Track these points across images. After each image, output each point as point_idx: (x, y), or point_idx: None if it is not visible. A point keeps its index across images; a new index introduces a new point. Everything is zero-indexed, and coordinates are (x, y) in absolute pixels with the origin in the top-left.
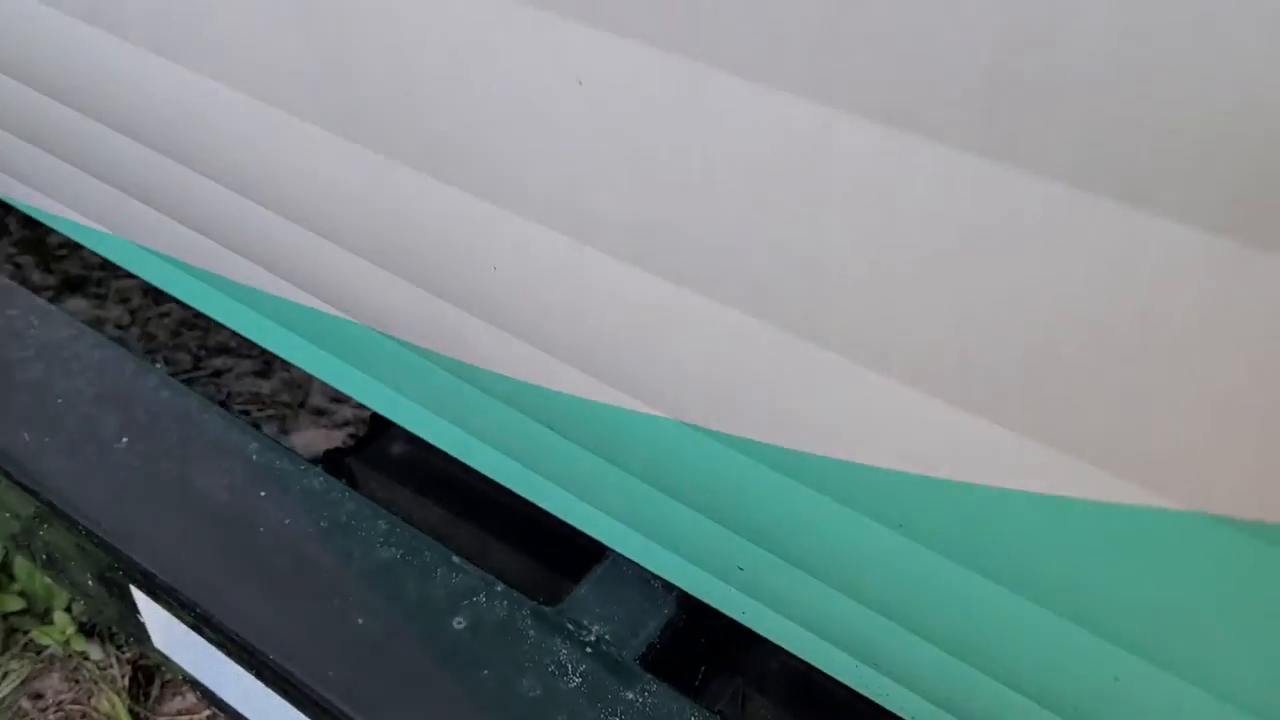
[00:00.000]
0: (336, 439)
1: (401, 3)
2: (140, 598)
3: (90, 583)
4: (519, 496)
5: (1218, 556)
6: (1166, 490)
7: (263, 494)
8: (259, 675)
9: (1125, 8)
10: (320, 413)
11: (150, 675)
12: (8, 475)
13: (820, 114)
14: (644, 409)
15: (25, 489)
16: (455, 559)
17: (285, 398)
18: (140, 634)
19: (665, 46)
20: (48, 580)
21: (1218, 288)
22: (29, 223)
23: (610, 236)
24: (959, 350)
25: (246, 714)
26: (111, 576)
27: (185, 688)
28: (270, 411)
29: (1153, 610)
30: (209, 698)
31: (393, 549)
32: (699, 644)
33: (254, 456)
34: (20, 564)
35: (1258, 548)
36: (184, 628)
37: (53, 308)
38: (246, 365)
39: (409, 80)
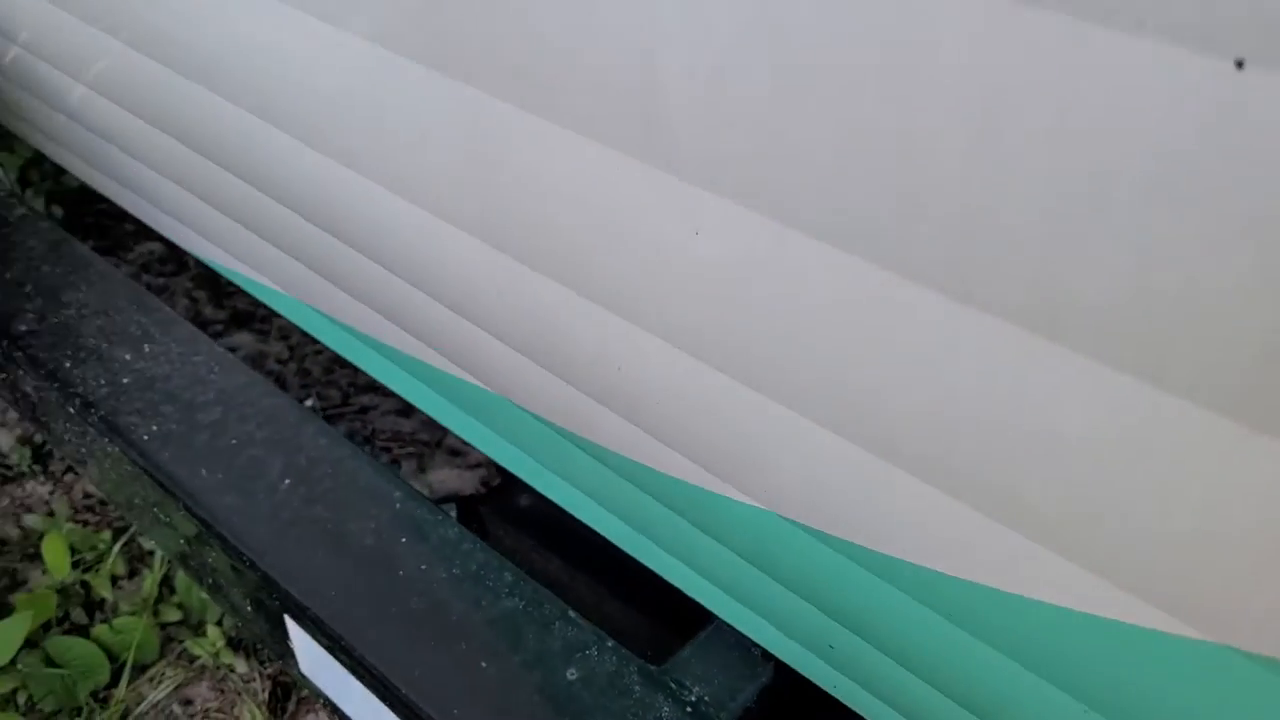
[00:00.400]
0: (469, 480)
1: (552, 173)
2: (291, 625)
3: (246, 604)
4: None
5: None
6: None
7: (404, 540)
8: (391, 706)
9: None
10: (455, 453)
11: (288, 691)
12: (185, 506)
13: (884, 277)
14: (746, 500)
15: (200, 521)
16: (571, 614)
17: (424, 437)
18: (288, 656)
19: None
20: (204, 596)
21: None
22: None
23: (721, 359)
24: (1030, 496)
25: None
26: (266, 602)
27: (318, 706)
28: (410, 449)
29: None
30: None
31: (516, 599)
32: (794, 713)
33: (398, 505)
34: (181, 579)
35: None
36: (327, 655)
37: (232, 357)
38: (390, 404)
39: (550, 212)
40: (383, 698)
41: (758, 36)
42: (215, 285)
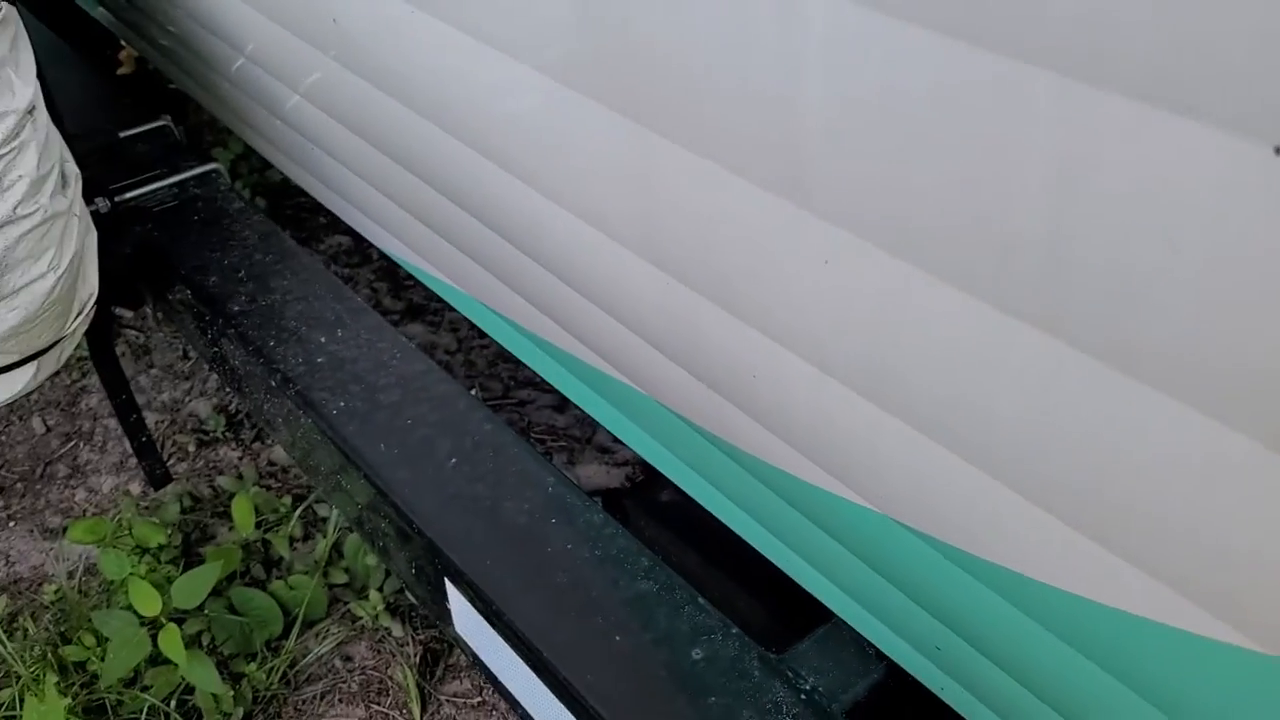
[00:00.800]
0: (616, 476)
1: (705, 203)
2: (450, 588)
3: (410, 568)
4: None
5: None
6: None
7: (553, 521)
8: (532, 667)
9: None
10: (604, 450)
11: (437, 658)
12: (364, 475)
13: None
14: (862, 503)
15: (376, 489)
16: (701, 600)
17: (575, 433)
18: (445, 617)
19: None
20: (368, 563)
21: None
22: (386, 254)
23: (842, 373)
24: (1120, 515)
25: (517, 695)
26: (429, 566)
27: (464, 674)
28: (561, 443)
29: None
30: (489, 678)
31: (650, 583)
32: (903, 711)
33: (550, 489)
34: (349, 545)
35: None
36: (479, 618)
37: (412, 345)
38: (547, 399)
39: (702, 236)
40: (526, 659)
41: (880, 108)
42: (394, 278)
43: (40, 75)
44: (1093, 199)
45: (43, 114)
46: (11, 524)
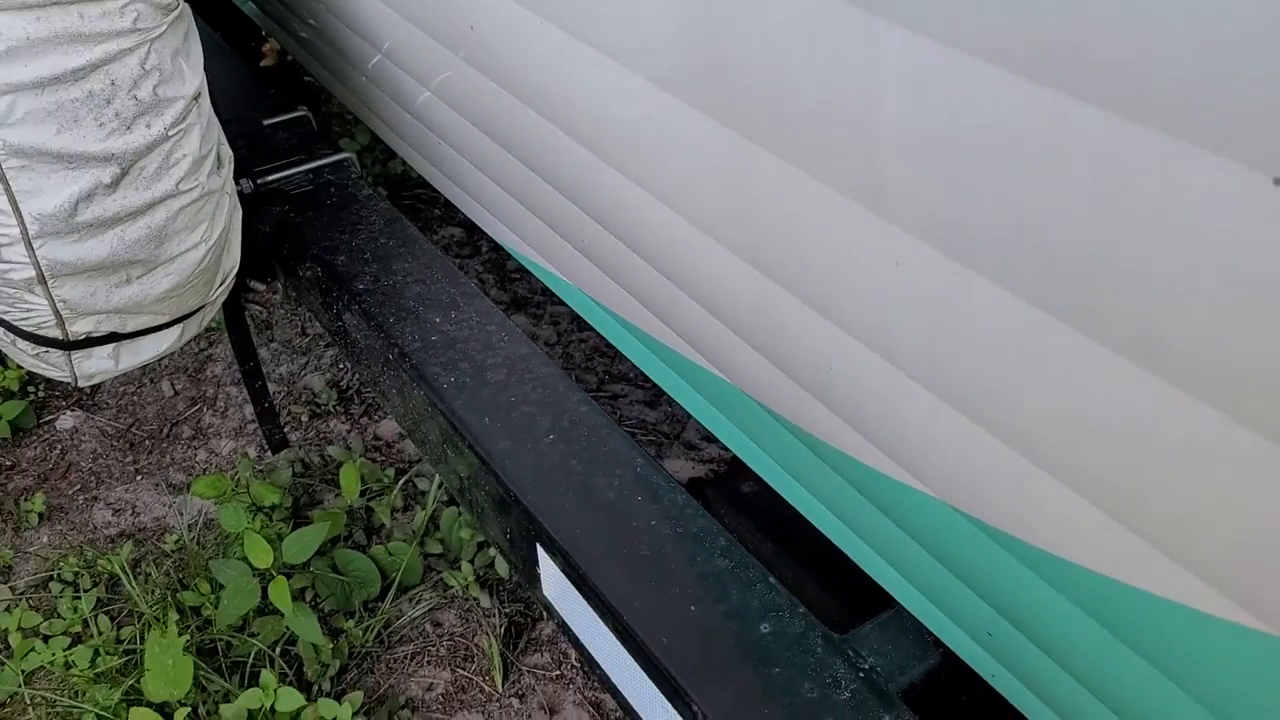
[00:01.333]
0: (700, 471)
1: (793, 205)
2: (541, 553)
3: (505, 533)
4: (834, 544)
5: None
6: None
7: (639, 498)
8: (613, 630)
9: None
10: (691, 447)
11: (521, 630)
12: (469, 445)
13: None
14: (923, 489)
15: (479, 458)
16: (771, 579)
17: (665, 428)
18: (534, 581)
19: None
20: (462, 536)
21: None
22: (495, 248)
23: (906, 365)
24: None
25: (596, 657)
26: (522, 533)
27: (544, 647)
28: (651, 438)
29: None
30: (571, 639)
31: (725, 560)
32: (956, 697)
33: (638, 469)
34: (446, 517)
35: None
36: (567, 583)
37: (518, 330)
38: (639, 395)
39: (790, 235)
40: (607, 623)
41: (948, 134)
42: (501, 270)
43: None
44: (1124, 217)
45: (206, 100)
46: (139, 478)
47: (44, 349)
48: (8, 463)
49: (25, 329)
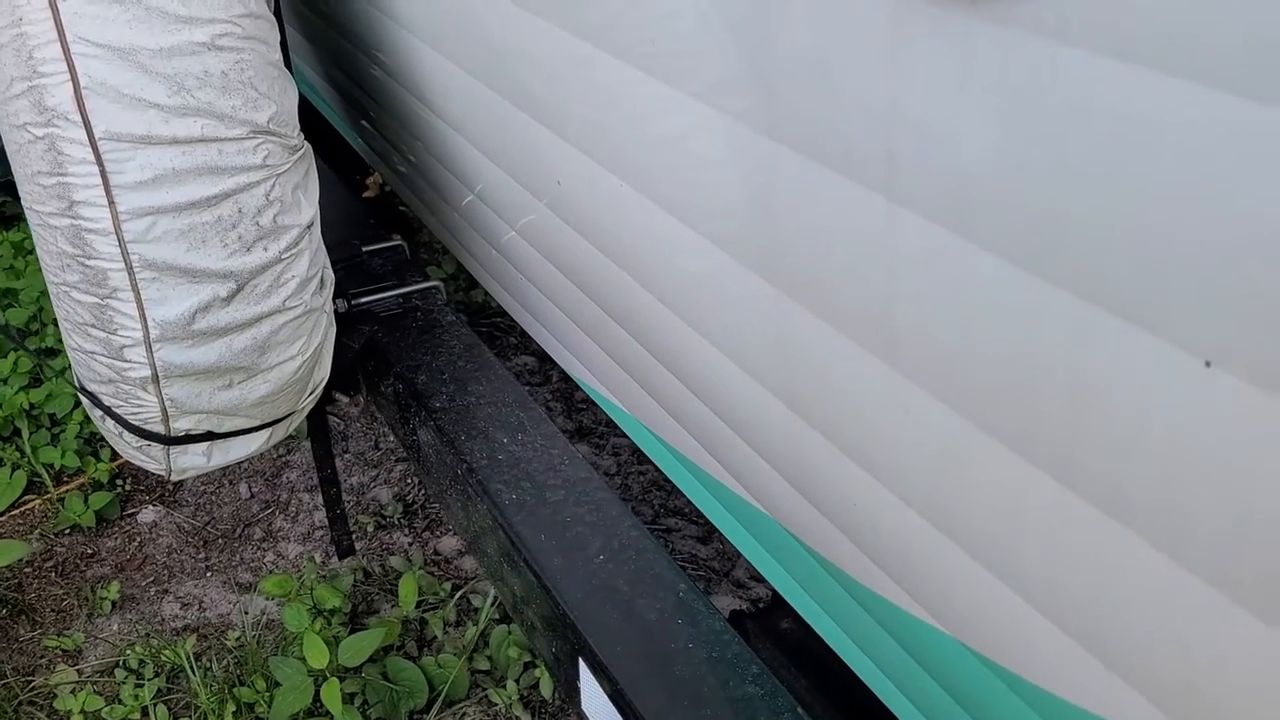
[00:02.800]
0: (744, 607)
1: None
2: (583, 667)
3: (550, 645)
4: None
5: None
6: None
7: (679, 621)
8: None
9: None
10: (739, 585)
11: None
12: (524, 560)
13: None
14: (939, 627)
15: (533, 572)
16: (799, 710)
17: (715, 565)
18: (574, 694)
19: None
20: (510, 654)
21: None
22: (564, 378)
23: (920, 505)
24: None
25: None
26: (566, 645)
27: None
28: (701, 573)
29: None
30: None
31: (756, 688)
32: None
33: (680, 595)
34: (496, 635)
35: None
36: (605, 698)
37: (579, 455)
38: (692, 530)
39: (831, 388)
40: None
41: (948, 306)
42: (569, 400)
43: None
44: (1160, 205)
45: (317, 228)
46: (209, 574)
47: (147, 443)
48: (89, 551)
49: (134, 423)
